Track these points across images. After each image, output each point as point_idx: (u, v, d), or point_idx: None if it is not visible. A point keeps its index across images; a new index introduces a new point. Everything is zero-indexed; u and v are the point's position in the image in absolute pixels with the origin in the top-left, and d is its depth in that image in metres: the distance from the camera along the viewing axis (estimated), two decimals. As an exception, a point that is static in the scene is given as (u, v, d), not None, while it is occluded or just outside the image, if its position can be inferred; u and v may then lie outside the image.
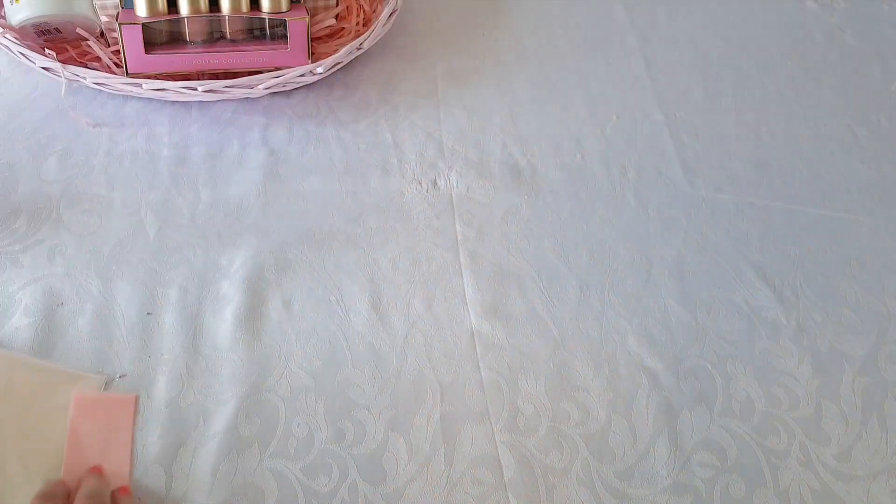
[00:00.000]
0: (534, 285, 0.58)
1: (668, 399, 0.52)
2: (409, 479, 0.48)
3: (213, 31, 0.67)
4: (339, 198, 0.63)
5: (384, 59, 0.75)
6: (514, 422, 0.50)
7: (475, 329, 0.55)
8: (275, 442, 0.49)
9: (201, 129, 0.67)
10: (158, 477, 0.47)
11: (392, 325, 0.55)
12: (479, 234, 0.61)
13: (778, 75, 0.77)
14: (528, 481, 0.48)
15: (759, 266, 0.60)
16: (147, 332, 0.53)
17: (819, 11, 0.84)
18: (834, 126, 0.72)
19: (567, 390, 0.52)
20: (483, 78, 0.74)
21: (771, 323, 0.56)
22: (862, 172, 0.68)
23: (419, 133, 0.68)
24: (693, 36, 0.80)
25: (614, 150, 0.68)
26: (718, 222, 0.63)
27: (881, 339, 0.56)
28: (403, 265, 0.58)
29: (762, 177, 0.67)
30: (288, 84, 0.67)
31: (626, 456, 0.49)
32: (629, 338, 0.55)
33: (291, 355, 0.53)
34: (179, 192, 0.62)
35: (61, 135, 0.65)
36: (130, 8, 0.63)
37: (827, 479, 0.49)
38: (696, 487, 0.48)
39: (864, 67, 0.78)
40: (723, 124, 0.71)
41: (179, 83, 0.64)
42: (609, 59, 0.77)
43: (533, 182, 0.65)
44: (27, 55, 0.64)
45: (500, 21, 0.81)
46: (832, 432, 0.51)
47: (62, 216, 0.59)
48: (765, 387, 0.53)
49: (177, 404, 0.50)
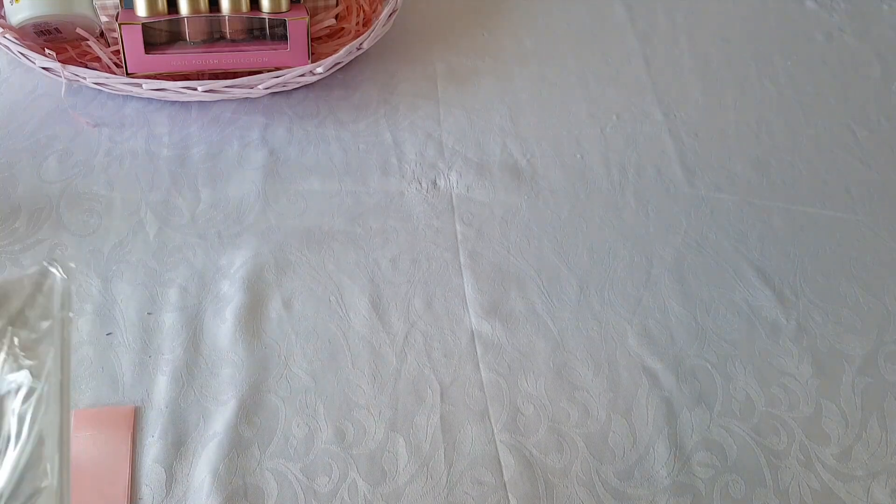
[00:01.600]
0: (534, 285, 0.58)
1: (667, 399, 0.52)
2: (408, 479, 0.48)
3: (213, 31, 0.67)
4: (339, 198, 0.63)
5: (384, 59, 0.75)
6: (514, 422, 0.50)
7: (475, 329, 0.55)
8: (275, 442, 0.49)
9: (201, 129, 0.67)
10: (158, 477, 0.47)
11: (392, 325, 0.55)
12: (479, 234, 0.61)
13: (778, 75, 0.77)
14: (528, 481, 0.48)
15: (759, 266, 0.60)
16: (147, 332, 0.53)
17: (819, 11, 0.84)
18: (834, 126, 0.72)
19: (567, 390, 0.52)
20: (483, 78, 0.74)
21: (771, 323, 0.56)
22: (862, 172, 0.68)
23: (419, 133, 0.68)
24: (693, 36, 0.80)
25: (614, 150, 0.68)
26: (718, 222, 0.63)
27: (881, 339, 0.56)
28: (403, 265, 0.58)
29: (762, 177, 0.67)
30: (288, 84, 0.67)
31: (626, 456, 0.49)
32: (629, 338, 0.55)
33: (291, 355, 0.53)
34: (179, 192, 0.62)
35: (61, 135, 0.65)
36: (130, 8, 0.63)
37: (827, 478, 0.49)
38: (696, 487, 0.48)
39: (864, 67, 0.78)
40: (723, 124, 0.71)
41: (179, 83, 0.64)
42: (609, 59, 0.77)
43: (533, 182, 0.65)
44: (27, 55, 0.64)
45: (500, 21, 0.81)
46: (832, 432, 0.51)
47: (62, 216, 0.59)
48: (765, 387, 0.53)
49: (177, 404, 0.50)
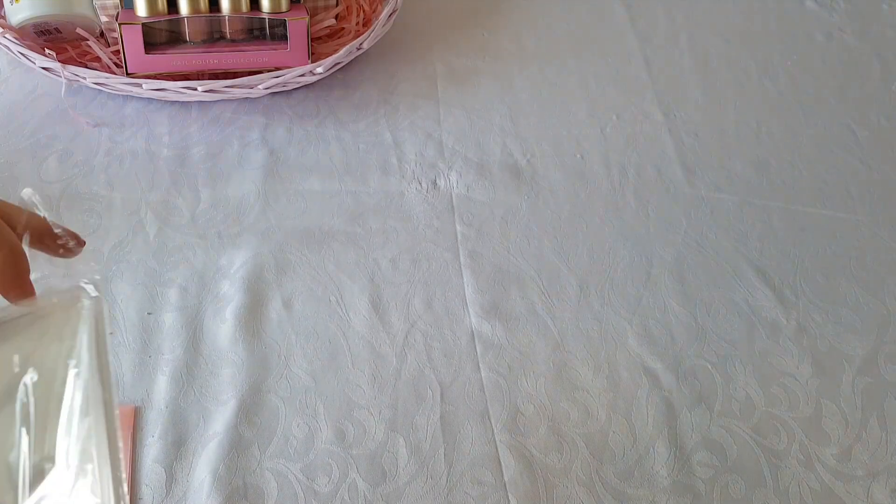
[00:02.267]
0: (534, 285, 0.58)
1: (668, 399, 0.52)
2: (409, 479, 0.48)
3: (213, 31, 0.67)
4: (339, 198, 0.63)
5: (384, 59, 0.75)
6: (514, 422, 0.50)
7: (475, 329, 0.55)
8: (275, 442, 0.49)
9: (201, 129, 0.67)
10: (158, 477, 0.47)
11: (392, 325, 0.55)
12: (479, 234, 0.61)
13: (778, 75, 0.77)
14: (527, 481, 0.48)
15: (759, 266, 0.60)
16: (147, 332, 0.53)
17: (819, 11, 0.84)
18: (834, 126, 0.72)
19: (567, 390, 0.52)
20: (483, 78, 0.74)
21: (771, 323, 0.56)
22: (862, 172, 0.68)
23: (419, 133, 0.68)
24: (693, 36, 0.80)
25: (614, 150, 0.68)
26: (718, 222, 0.63)
27: (881, 339, 0.56)
28: (403, 265, 0.58)
29: (762, 177, 0.67)
30: (288, 84, 0.67)
31: (626, 456, 0.49)
32: (629, 338, 0.55)
33: (291, 355, 0.53)
34: (179, 192, 0.62)
35: (61, 135, 0.65)
36: (130, 8, 0.63)
37: (827, 478, 0.49)
38: (695, 487, 0.48)
39: (864, 67, 0.78)
40: (723, 124, 0.71)
41: (179, 83, 0.64)
42: (609, 59, 0.77)
43: (533, 182, 0.65)
44: (27, 55, 0.64)
45: (500, 21, 0.81)
46: (832, 432, 0.51)
47: (62, 216, 0.59)
48: (765, 387, 0.53)
49: (177, 404, 0.50)
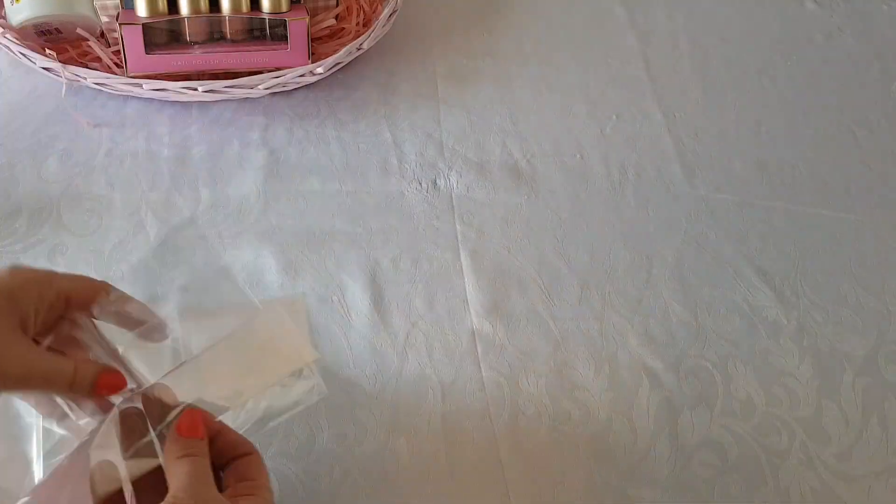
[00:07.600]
0: (534, 285, 0.58)
1: (668, 399, 0.52)
2: (409, 478, 0.48)
3: (214, 31, 0.67)
4: (339, 198, 0.63)
5: (384, 59, 0.75)
6: (514, 421, 0.50)
7: (476, 329, 0.55)
8: (276, 442, 0.49)
9: (201, 129, 0.67)
10: (159, 477, 0.47)
11: (393, 325, 0.55)
12: (479, 234, 0.61)
13: (778, 75, 0.77)
14: (528, 481, 0.48)
15: (759, 266, 0.60)
16: (147, 333, 0.53)
17: (819, 11, 0.84)
18: (834, 126, 0.72)
19: (568, 390, 0.52)
20: (483, 78, 0.74)
21: (771, 323, 0.56)
22: (862, 172, 0.68)
23: (419, 133, 0.68)
24: (693, 36, 0.80)
25: (614, 150, 0.68)
26: (718, 222, 0.63)
27: (881, 339, 0.56)
28: (404, 265, 0.58)
29: (762, 177, 0.67)
30: (288, 84, 0.67)
31: (626, 455, 0.49)
32: (630, 337, 0.55)
33: (292, 355, 0.53)
34: (179, 192, 0.62)
35: (62, 135, 0.65)
36: (131, 8, 0.63)
37: (827, 478, 0.49)
38: (696, 487, 0.48)
39: (864, 67, 0.78)
40: (723, 124, 0.71)
41: (179, 83, 0.64)
42: (609, 59, 0.77)
43: (533, 182, 0.65)
44: (27, 55, 0.64)
45: (500, 21, 0.81)
46: (832, 432, 0.51)
47: (62, 216, 0.59)
48: (765, 386, 0.53)
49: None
